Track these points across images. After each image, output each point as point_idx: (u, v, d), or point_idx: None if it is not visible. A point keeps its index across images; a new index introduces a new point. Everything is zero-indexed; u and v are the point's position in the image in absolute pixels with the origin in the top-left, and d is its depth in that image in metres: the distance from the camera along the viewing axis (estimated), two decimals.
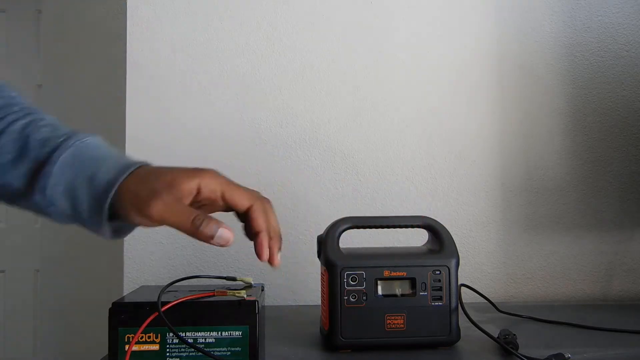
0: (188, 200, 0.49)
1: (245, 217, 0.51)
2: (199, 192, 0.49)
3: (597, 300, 1.08)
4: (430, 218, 0.73)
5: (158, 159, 1.08)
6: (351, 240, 1.05)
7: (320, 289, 0.75)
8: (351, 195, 1.07)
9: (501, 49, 1.10)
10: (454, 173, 1.09)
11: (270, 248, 0.50)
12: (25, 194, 0.47)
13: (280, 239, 0.52)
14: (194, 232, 0.46)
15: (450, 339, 0.69)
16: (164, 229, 1.05)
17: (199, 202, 0.50)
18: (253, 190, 0.52)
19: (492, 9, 1.11)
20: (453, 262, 0.70)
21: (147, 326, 0.54)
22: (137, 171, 0.49)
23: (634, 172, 1.10)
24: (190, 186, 0.48)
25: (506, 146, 1.10)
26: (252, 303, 0.56)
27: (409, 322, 0.68)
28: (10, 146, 0.47)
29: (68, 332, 1.47)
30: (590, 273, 1.09)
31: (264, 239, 0.50)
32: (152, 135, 1.07)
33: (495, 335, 0.69)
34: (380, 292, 0.68)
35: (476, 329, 0.70)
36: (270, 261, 0.50)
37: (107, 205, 0.47)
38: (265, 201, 0.51)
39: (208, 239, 0.47)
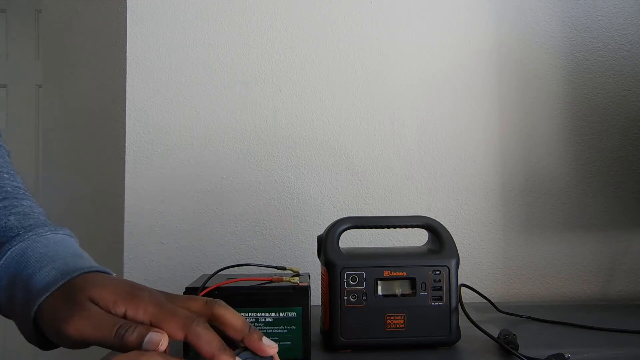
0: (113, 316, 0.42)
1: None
2: (125, 316, 0.42)
3: (597, 300, 1.08)
4: (430, 218, 0.73)
5: (158, 159, 1.08)
6: (351, 240, 1.06)
7: (320, 289, 0.75)
8: (351, 195, 1.08)
9: (501, 49, 1.10)
10: (454, 173, 1.09)
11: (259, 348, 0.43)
12: None
13: (250, 330, 0.44)
14: (118, 342, 0.39)
15: (450, 339, 0.69)
16: (164, 230, 1.06)
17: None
18: (194, 306, 0.44)
19: (492, 9, 1.10)
20: (453, 262, 0.70)
21: None
22: (72, 282, 0.43)
23: (634, 172, 1.10)
24: (115, 310, 0.42)
25: (506, 146, 1.10)
26: (305, 288, 0.64)
27: (409, 322, 0.68)
28: None
29: None
30: (590, 273, 1.09)
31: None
32: (152, 136, 1.07)
33: (495, 335, 0.69)
34: (380, 292, 0.68)
35: (476, 329, 0.70)
36: (267, 354, 0.43)
37: (31, 316, 0.42)
38: (201, 319, 0.42)
39: (134, 345, 0.39)
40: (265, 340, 0.44)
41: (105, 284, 0.43)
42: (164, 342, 0.40)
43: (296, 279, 0.66)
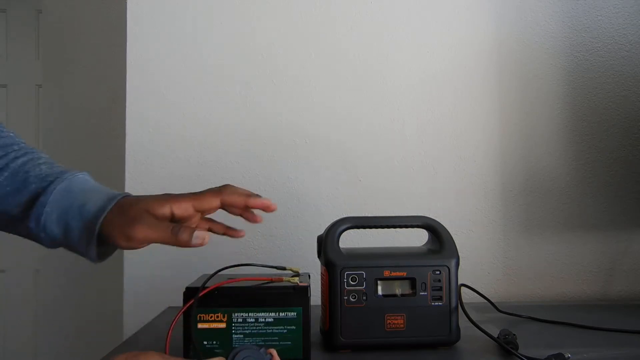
0: (164, 221, 0.56)
1: (226, 209, 0.60)
2: (172, 213, 0.56)
3: (597, 300, 1.08)
4: (430, 218, 0.73)
5: (158, 159, 1.08)
6: (351, 240, 1.06)
7: (320, 289, 0.75)
8: (351, 195, 1.08)
9: (501, 49, 1.10)
10: (454, 173, 1.09)
11: (258, 206, 0.60)
12: (20, 220, 0.55)
13: (254, 195, 0.60)
14: (174, 240, 0.53)
15: (450, 339, 0.69)
16: None
17: (178, 221, 0.57)
18: (215, 188, 0.60)
19: (492, 9, 1.11)
20: (453, 262, 0.70)
21: (215, 307, 0.63)
22: (120, 202, 0.56)
23: (634, 173, 1.10)
24: (163, 211, 0.56)
25: (506, 146, 1.10)
26: (305, 288, 0.64)
27: (409, 322, 0.68)
28: (11, 180, 0.55)
29: (68, 332, 1.47)
30: (590, 273, 1.09)
31: (249, 214, 0.62)
32: (152, 136, 1.07)
33: (495, 335, 0.69)
34: (380, 292, 0.68)
35: (476, 329, 0.70)
36: (269, 209, 0.61)
37: (96, 232, 0.54)
38: (226, 189, 0.59)
39: (187, 243, 0.53)
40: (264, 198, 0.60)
41: (146, 197, 0.57)
42: (206, 237, 0.54)
43: (296, 279, 0.66)
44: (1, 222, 0.56)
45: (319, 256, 0.73)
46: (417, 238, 0.85)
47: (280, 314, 0.64)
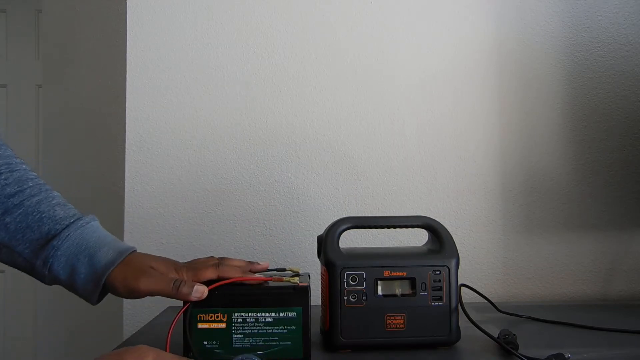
0: (167, 276, 0.62)
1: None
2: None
3: (597, 300, 1.08)
4: (430, 218, 0.73)
5: (158, 159, 1.08)
6: (351, 240, 1.06)
7: (320, 289, 0.75)
8: (351, 195, 1.08)
9: (501, 49, 1.10)
10: (454, 173, 1.09)
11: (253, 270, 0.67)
12: (26, 258, 0.59)
13: (251, 265, 0.68)
14: (175, 293, 0.59)
15: (450, 339, 0.69)
16: (164, 230, 1.06)
17: None
18: (214, 262, 0.65)
19: (492, 9, 1.11)
20: (453, 262, 0.70)
21: (215, 306, 0.63)
22: (129, 257, 0.61)
23: (633, 173, 1.10)
24: (167, 271, 0.62)
25: (506, 146, 1.10)
26: (305, 288, 0.64)
27: (409, 322, 0.68)
28: (24, 217, 0.59)
29: (68, 332, 1.47)
30: (590, 273, 1.09)
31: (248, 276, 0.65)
32: (152, 136, 1.07)
33: (495, 335, 0.69)
34: (380, 292, 0.68)
35: (476, 329, 0.70)
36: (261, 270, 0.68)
37: (103, 282, 0.59)
38: (224, 265, 0.65)
39: (187, 296, 0.59)
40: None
41: (156, 258, 0.63)
42: (205, 291, 0.60)
43: (296, 279, 0.66)
44: (4, 255, 0.59)
45: (319, 256, 0.73)
46: (417, 238, 0.85)
47: (280, 314, 0.64)
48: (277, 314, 0.64)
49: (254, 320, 0.64)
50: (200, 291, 0.60)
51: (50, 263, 0.58)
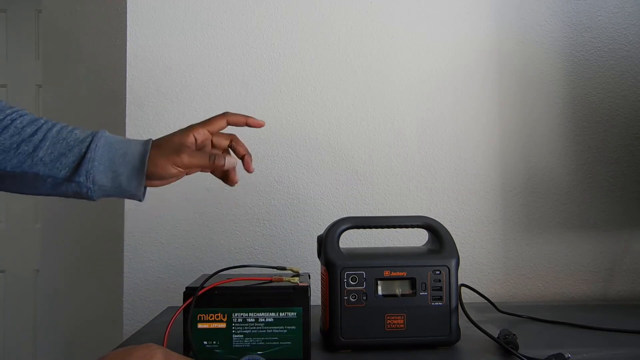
0: (194, 148, 0.67)
1: (229, 144, 0.71)
2: (196, 140, 0.66)
3: (597, 300, 1.08)
4: (430, 218, 0.73)
5: None
6: (351, 240, 1.06)
7: (320, 289, 0.75)
8: (351, 195, 1.08)
9: (501, 49, 1.10)
10: (454, 173, 1.09)
11: (255, 124, 0.71)
12: (68, 180, 0.62)
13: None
14: (212, 165, 0.65)
15: (450, 339, 0.69)
16: (164, 230, 1.06)
17: (200, 147, 0.68)
18: (219, 114, 0.70)
19: (492, 8, 1.11)
20: (453, 262, 0.70)
21: (215, 307, 0.64)
22: (155, 143, 0.65)
23: (634, 173, 1.10)
24: (191, 139, 0.65)
25: (506, 146, 1.10)
26: (305, 288, 0.65)
27: (409, 322, 0.68)
28: (53, 147, 0.63)
29: (68, 332, 1.47)
30: (590, 273, 1.09)
31: (249, 159, 0.69)
32: (152, 136, 1.06)
33: (495, 335, 0.69)
34: (380, 292, 0.68)
35: (476, 329, 0.70)
36: (249, 170, 0.70)
37: (145, 169, 0.63)
38: (228, 113, 0.70)
39: (222, 166, 0.66)
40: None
41: (172, 135, 0.67)
42: (236, 162, 0.67)
43: (296, 279, 0.66)
44: (49, 185, 0.63)
45: (319, 256, 0.73)
46: (417, 238, 0.85)
47: (280, 314, 0.64)
48: (277, 314, 0.64)
49: (254, 320, 0.64)
50: (232, 162, 0.66)
51: (92, 175, 0.62)
